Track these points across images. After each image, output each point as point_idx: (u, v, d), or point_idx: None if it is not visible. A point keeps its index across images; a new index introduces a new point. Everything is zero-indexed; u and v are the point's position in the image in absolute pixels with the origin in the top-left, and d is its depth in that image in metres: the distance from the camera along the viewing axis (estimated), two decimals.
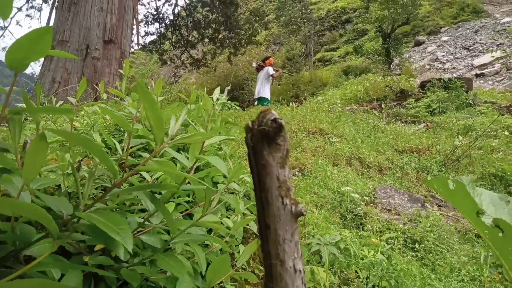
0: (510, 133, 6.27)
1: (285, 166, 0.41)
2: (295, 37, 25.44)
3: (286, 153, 0.41)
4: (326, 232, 2.32)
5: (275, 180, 0.40)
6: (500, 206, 0.62)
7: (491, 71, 15.89)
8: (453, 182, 0.57)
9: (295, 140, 5.07)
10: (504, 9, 25.51)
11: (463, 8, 26.62)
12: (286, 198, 0.40)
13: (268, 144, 0.39)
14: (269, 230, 0.39)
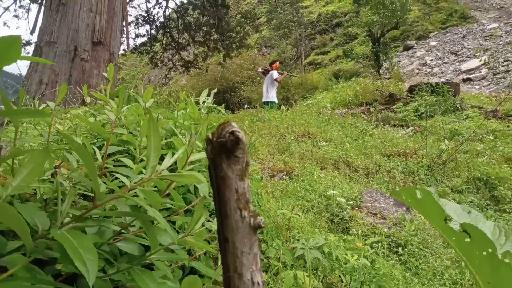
0: (495, 137, 6.39)
1: (245, 178, 0.41)
2: (286, 40, 25.58)
3: (245, 166, 0.41)
4: (311, 236, 2.33)
5: (234, 192, 0.40)
6: (463, 216, 0.65)
7: (478, 76, 16.18)
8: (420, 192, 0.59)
9: (283, 143, 5.09)
10: (491, 15, 26.01)
11: (451, 13, 27.06)
12: (245, 210, 0.40)
13: (227, 156, 0.40)
14: (227, 243, 0.39)
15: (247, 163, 0.41)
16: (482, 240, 0.50)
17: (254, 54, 22.46)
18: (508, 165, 5.26)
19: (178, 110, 1.89)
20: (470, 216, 0.64)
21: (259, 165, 3.86)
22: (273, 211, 2.49)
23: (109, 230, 0.90)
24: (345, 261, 2.01)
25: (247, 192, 0.41)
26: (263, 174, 3.43)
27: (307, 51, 29.21)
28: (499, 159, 5.43)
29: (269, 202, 2.70)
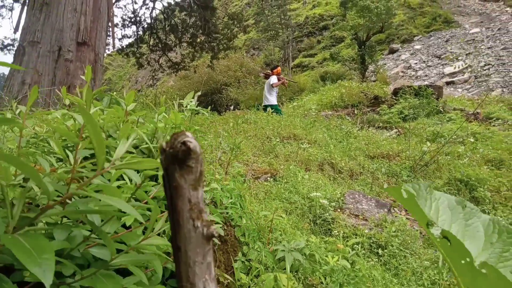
0: (476, 139, 6.53)
1: (198, 188, 0.42)
2: (274, 43, 25.68)
3: (199, 175, 0.42)
4: (292, 238, 2.35)
5: (187, 202, 0.40)
6: (456, 210, 0.64)
7: (460, 79, 16.52)
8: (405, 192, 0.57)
9: (269, 145, 5.11)
10: (473, 20, 26.62)
11: (435, 18, 27.60)
12: (198, 220, 0.41)
13: (180, 166, 0.40)
14: (180, 253, 0.40)
15: (201, 173, 0.42)
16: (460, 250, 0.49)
17: (242, 56, 22.49)
18: (488, 166, 5.39)
19: (158, 114, 1.87)
20: (465, 210, 0.63)
21: (244, 167, 3.86)
22: (255, 213, 2.49)
23: (79, 235, 0.89)
24: (325, 263, 2.03)
25: (200, 201, 0.42)
26: (246, 176, 3.44)
27: (295, 54, 29.38)
28: (479, 160, 5.55)
29: (252, 204, 2.70)
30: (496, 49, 18.42)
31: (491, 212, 4.36)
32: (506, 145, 6.06)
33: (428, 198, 0.66)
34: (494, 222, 0.61)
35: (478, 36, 21.08)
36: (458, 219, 0.63)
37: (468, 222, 0.62)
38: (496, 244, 0.59)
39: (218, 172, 3.09)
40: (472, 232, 0.61)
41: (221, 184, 2.48)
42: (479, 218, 0.62)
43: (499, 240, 0.59)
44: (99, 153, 0.68)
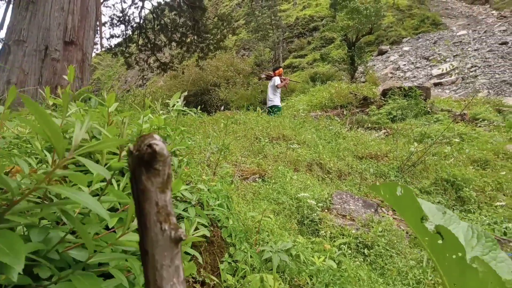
0: (462, 140, 6.63)
1: (166, 191, 0.42)
2: (264, 43, 25.71)
3: (166, 178, 0.41)
4: (280, 239, 2.35)
5: (154, 205, 0.40)
6: (438, 216, 0.65)
7: (448, 81, 16.77)
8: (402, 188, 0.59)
9: (258, 146, 5.11)
10: (460, 22, 27.05)
11: (423, 20, 27.96)
12: (165, 223, 0.40)
13: (146, 169, 0.40)
14: (147, 256, 0.40)
15: (169, 176, 0.41)
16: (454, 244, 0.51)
17: (232, 56, 22.46)
18: (474, 167, 5.48)
19: (143, 116, 1.86)
20: (445, 217, 0.65)
21: (232, 168, 3.86)
22: (243, 214, 2.49)
23: (56, 236, 0.88)
24: (311, 263, 2.04)
25: (168, 204, 0.41)
26: (234, 176, 3.43)
27: (285, 54, 29.46)
28: (465, 161, 5.64)
29: (239, 205, 2.70)
30: (483, 51, 18.74)
31: (476, 211, 4.43)
32: (491, 145, 6.17)
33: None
34: (473, 228, 0.64)
35: (465, 38, 21.42)
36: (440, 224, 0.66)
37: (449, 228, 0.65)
38: (476, 248, 0.61)
39: (205, 173, 3.08)
40: None
41: (208, 185, 2.47)
42: (458, 224, 0.65)
43: (478, 244, 0.62)
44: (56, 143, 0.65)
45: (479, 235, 0.62)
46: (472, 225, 0.64)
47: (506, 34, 20.47)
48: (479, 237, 0.62)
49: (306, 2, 34.90)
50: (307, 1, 35.12)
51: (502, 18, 26.53)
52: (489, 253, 0.60)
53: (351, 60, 17.12)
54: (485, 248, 0.61)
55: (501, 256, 0.60)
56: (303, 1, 35.53)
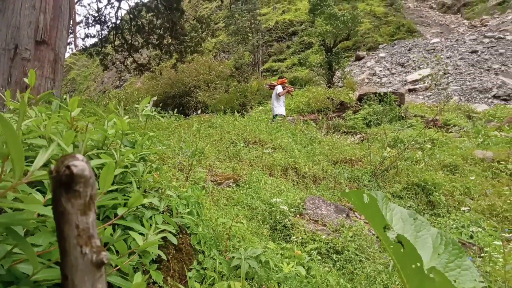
0: (433, 145, 6.83)
1: (88, 212, 0.40)
2: (244, 47, 25.75)
3: (89, 200, 0.40)
4: (250, 245, 2.34)
5: (74, 228, 0.38)
6: (409, 222, 0.67)
7: (422, 87, 17.27)
8: (368, 197, 0.61)
9: (233, 150, 5.09)
10: (434, 30, 27.96)
11: (399, 27, 28.74)
12: (86, 246, 0.39)
13: (66, 191, 0.38)
14: (67, 282, 0.38)
15: (91, 197, 0.40)
16: (413, 254, 0.52)
17: (210, 59, 22.38)
18: (443, 171, 5.65)
19: (108, 120, 1.81)
20: (416, 222, 0.66)
21: (206, 172, 3.82)
22: (214, 220, 2.47)
23: (2, 250, 0.84)
24: (279, 270, 2.04)
25: (90, 227, 0.40)
26: (206, 182, 3.40)
27: (265, 58, 29.60)
28: (436, 166, 5.80)
29: (211, 211, 2.68)
30: (454, 59, 19.42)
31: (446, 215, 4.55)
32: (460, 151, 6.38)
33: (384, 208, 0.69)
34: (442, 234, 0.66)
35: (438, 46, 22.14)
36: (409, 230, 0.67)
37: (419, 234, 0.66)
38: (442, 255, 0.63)
39: (177, 178, 3.04)
40: (422, 243, 0.64)
41: (179, 191, 2.43)
42: (428, 231, 0.66)
43: (445, 251, 0.63)
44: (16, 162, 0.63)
45: (447, 242, 0.64)
46: (441, 231, 0.66)
47: (476, 43, 21.29)
48: (446, 244, 0.64)
49: (285, 7, 35.23)
50: (286, 5, 35.47)
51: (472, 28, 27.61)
52: (455, 260, 0.62)
53: (329, 65, 17.38)
54: (451, 256, 0.62)
55: (466, 264, 0.62)
56: (283, 5, 35.86)
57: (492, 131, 7.85)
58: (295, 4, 34.95)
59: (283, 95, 9.05)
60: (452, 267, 0.62)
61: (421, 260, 0.53)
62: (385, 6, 32.38)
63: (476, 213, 4.44)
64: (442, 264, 0.63)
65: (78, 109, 1.70)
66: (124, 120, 1.78)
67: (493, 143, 6.78)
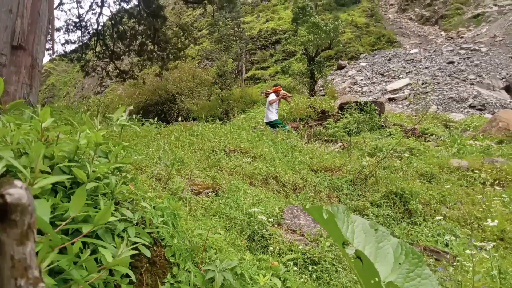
0: (411, 154, 6.97)
1: (26, 242, 0.39)
2: (227, 54, 25.83)
3: (26, 229, 0.39)
4: (226, 257, 2.32)
5: (9, 259, 0.37)
6: (370, 233, 0.67)
7: (401, 96, 17.68)
8: (326, 213, 0.61)
9: (214, 158, 5.07)
10: (413, 41, 28.75)
11: (379, 37, 29.44)
12: (22, 278, 0.37)
13: (0, 220, 0.37)
14: None
15: (30, 226, 0.39)
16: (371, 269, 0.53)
17: (194, 66, 22.33)
18: (420, 180, 5.76)
19: (80, 132, 1.78)
20: (377, 233, 0.67)
21: (185, 182, 3.79)
22: (190, 232, 2.44)
23: None
24: (254, 282, 2.03)
25: (28, 257, 0.38)
26: (184, 191, 3.37)
27: (248, 66, 29.75)
28: (413, 174, 5.92)
29: (188, 222, 2.65)
30: (432, 69, 19.99)
31: (422, 223, 4.64)
32: (437, 159, 6.52)
33: (345, 221, 0.70)
34: (402, 244, 0.67)
35: (417, 57, 22.76)
36: (371, 241, 0.67)
37: (380, 245, 0.67)
38: (403, 265, 0.64)
39: (154, 188, 3.00)
40: (383, 254, 0.65)
41: (155, 202, 2.40)
42: (389, 241, 0.67)
43: (406, 261, 0.64)
44: None
45: (407, 252, 0.65)
46: (401, 241, 0.67)
47: (452, 54, 21.99)
48: (407, 254, 0.65)
49: (269, 15, 35.60)
50: (270, 14, 35.85)
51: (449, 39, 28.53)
52: (415, 270, 0.63)
53: (311, 74, 17.60)
54: (411, 265, 0.63)
55: (425, 272, 0.62)
56: (266, 14, 36.23)
57: (468, 140, 8.08)
58: (279, 13, 35.37)
59: (274, 102, 9.10)
60: (413, 276, 0.63)
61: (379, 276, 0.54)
62: (366, 16, 33.14)
63: (451, 221, 4.54)
64: (403, 274, 0.63)
65: (50, 119, 1.66)
66: (97, 132, 1.75)
67: (468, 152, 6.97)
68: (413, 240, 4.25)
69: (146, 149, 4.77)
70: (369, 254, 0.65)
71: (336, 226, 0.60)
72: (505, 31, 24.43)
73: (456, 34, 29.54)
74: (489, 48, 21.95)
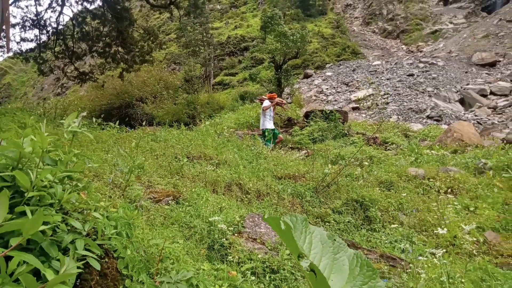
0: (371, 162, 7.18)
1: None
2: (195, 59, 25.62)
3: None
4: (183, 267, 2.26)
5: None
6: (327, 244, 0.68)
7: (364, 106, 18.28)
8: (283, 224, 0.61)
9: (176, 165, 4.97)
10: (376, 53, 29.92)
11: (344, 48, 30.38)
12: None
13: None
14: None
15: None
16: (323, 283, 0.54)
17: (160, 70, 21.95)
18: (380, 188, 5.93)
19: (24, 137, 1.67)
20: (334, 244, 0.67)
21: (144, 189, 3.68)
22: (146, 242, 2.36)
23: None
24: None
25: None
26: (143, 199, 3.26)
27: (216, 71, 29.68)
28: (373, 182, 6.09)
29: (144, 231, 2.56)
30: (394, 81, 20.85)
31: (381, 230, 4.77)
32: (396, 168, 6.76)
33: (304, 232, 0.69)
34: (358, 256, 0.67)
35: (379, 68, 23.67)
36: (328, 252, 0.68)
37: (336, 256, 0.67)
38: (358, 277, 0.64)
39: (110, 196, 2.88)
40: (339, 265, 0.66)
41: (110, 211, 2.30)
42: (346, 252, 0.68)
43: (360, 273, 0.65)
44: None
45: (362, 264, 0.66)
46: (357, 253, 0.68)
47: (412, 67, 23.07)
48: (362, 266, 0.65)
49: (238, 22, 35.78)
50: (239, 21, 36.04)
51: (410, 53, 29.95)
52: (369, 282, 0.63)
53: (278, 81, 17.81)
54: (365, 278, 0.64)
55: (378, 285, 0.64)
56: (235, 21, 36.39)
57: (425, 149, 8.44)
58: (247, 20, 35.65)
59: (267, 109, 9.07)
60: None
61: None
62: (332, 28, 34.12)
63: (408, 228, 4.70)
64: (357, 286, 0.64)
65: None
66: (44, 136, 1.65)
67: (425, 161, 7.28)
68: (372, 246, 4.36)
69: (105, 155, 4.59)
70: (326, 265, 0.66)
71: (292, 238, 0.60)
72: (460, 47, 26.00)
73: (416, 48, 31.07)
74: (445, 62, 23.24)
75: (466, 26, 31.43)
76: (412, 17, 35.35)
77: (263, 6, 37.64)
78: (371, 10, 39.67)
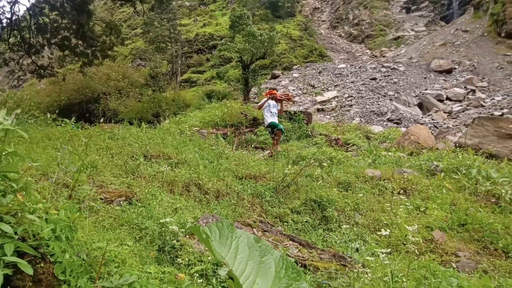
0: (331, 163, 7.33)
1: None
2: (162, 55, 25.12)
3: None
4: (129, 271, 2.20)
5: None
6: (254, 248, 0.69)
7: (329, 107, 18.69)
8: (203, 233, 0.63)
9: (133, 164, 4.83)
10: (341, 56, 30.69)
11: (312, 50, 30.91)
12: None
13: None
14: None
15: None
16: None
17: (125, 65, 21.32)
18: (338, 188, 6.06)
19: None
20: (261, 248, 0.68)
21: (95, 189, 3.54)
22: (89, 245, 2.27)
23: None
24: None
25: None
26: (91, 200, 3.14)
27: (184, 69, 29.25)
28: (332, 183, 6.21)
29: (89, 234, 2.46)
30: (357, 84, 21.47)
31: (337, 230, 4.87)
32: (354, 169, 6.94)
33: (230, 237, 0.70)
34: (283, 258, 0.68)
35: (344, 71, 24.29)
36: (254, 256, 0.68)
37: (263, 259, 0.68)
38: (283, 279, 0.65)
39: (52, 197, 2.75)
40: (265, 268, 0.66)
41: (49, 213, 2.19)
42: (272, 255, 0.68)
43: (285, 275, 0.66)
44: None
45: (287, 266, 0.67)
46: (283, 255, 0.69)
47: (375, 71, 23.86)
48: (287, 268, 0.66)
49: (206, 20, 35.47)
50: (207, 19, 35.73)
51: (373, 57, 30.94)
52: (293, 284, 0.65)
53: (246, 81, 17.84)
54: (290, 280, 0.65)
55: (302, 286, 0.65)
56: (204, 18, 36.04)
57: (383, 151, 8.73)
58: (216, 18, 35.42)
59: (261, 107, 9.03)
60: None
61: None
62: (300, 30, 34.62)
63: (362, 228, 4.83)
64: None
65: None
66: None
67: (382, 163, 7.51)
68: (328, 246, 4.44)
69: (56, 153, 4.38)
70: (252, 269, 0.66)
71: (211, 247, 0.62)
72: (420, 54, 27.19)
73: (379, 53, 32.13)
74: (406, 68, 24.22)
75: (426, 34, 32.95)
76: (377, 23, 36.56)
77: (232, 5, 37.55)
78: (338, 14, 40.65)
